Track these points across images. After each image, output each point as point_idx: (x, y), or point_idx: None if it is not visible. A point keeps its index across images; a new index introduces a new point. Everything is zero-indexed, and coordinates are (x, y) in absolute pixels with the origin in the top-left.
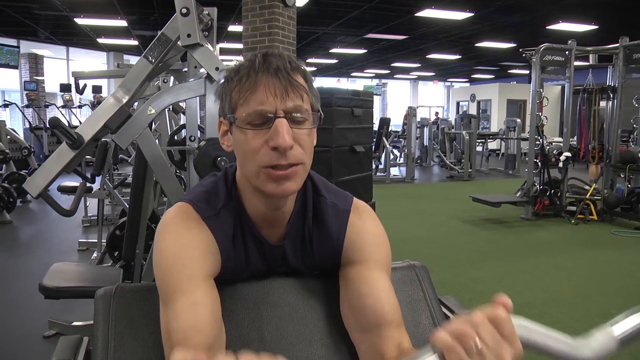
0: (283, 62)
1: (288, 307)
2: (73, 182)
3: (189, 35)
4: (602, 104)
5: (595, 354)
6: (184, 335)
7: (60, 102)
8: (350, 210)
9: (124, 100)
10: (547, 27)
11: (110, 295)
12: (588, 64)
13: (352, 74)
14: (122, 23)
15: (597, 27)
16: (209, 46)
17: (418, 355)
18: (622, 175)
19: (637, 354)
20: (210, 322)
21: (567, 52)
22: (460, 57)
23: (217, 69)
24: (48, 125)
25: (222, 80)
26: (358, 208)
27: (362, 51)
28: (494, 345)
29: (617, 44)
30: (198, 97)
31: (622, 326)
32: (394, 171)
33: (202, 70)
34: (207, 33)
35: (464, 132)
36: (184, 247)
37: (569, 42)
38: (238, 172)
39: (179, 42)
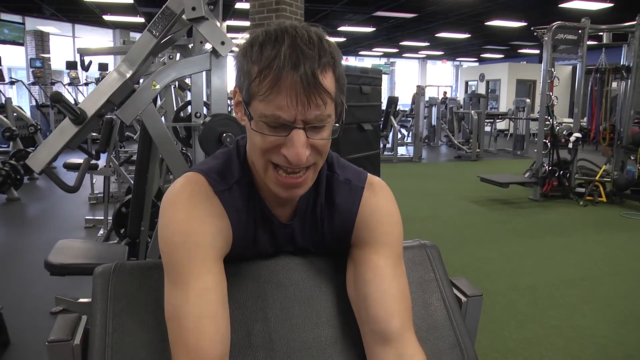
0: (312, 58)
1: (294, 287)
2: (79, 159)
3: (193, 9)
4: (614, 84)
5: None
6: (196, 325)
7: (66, 80)
8: (364, 187)
9: (128, 75)
10: (559, 6)
11: (109, 273)
12: (601, 43)
13: (360, 53)
14: (128, 0)
15: (611, 5)
16: (215, 20)
17: None
18: (632, 158)
19: (632, 353)
20: (220, 310)
21: (580, 31)
22: (469, 36)
23: (222, 43)
24: (50, 100)
25: (242, 50)
26: (373, 185)
27: (370, 29)
28: None
29: (634, 22)
30: (204, 73)
31: None
32: (402, 150)
33: (207, 45)
34: (212, 7)
35: (472, 111)
36: (196, 222)
37: (583, 20)
38: (248, 151)
39: (183, 16)
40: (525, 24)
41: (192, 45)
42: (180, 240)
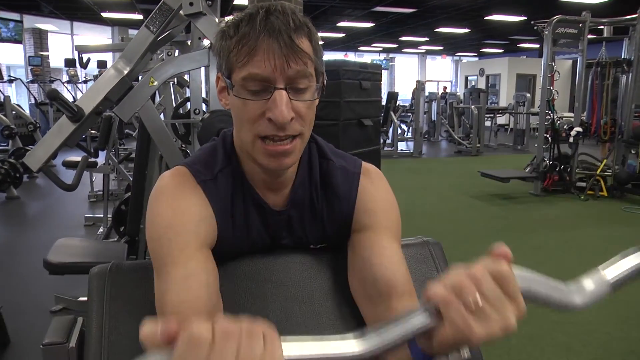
0: (286, 22)
1: (294, 286)
2: (78, 156)
3: (191, 4)
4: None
5: (587, 300)
6: (176, 310)
7: (65, 78)
8: (361, 173)
9: (125, 72)
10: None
11: (105, 273)
12: (601, 36)
13: (359, 48)
14: None
15: None
16: (213, 16)
17: (412, 311)
18: (633, 152)
19: (635, 348)
20: (203, 296)
21: (580, 25)
22: (469, 30)
23: None
24: (47, 97)
25: (220, 34)
26: (369, 171)
27: (369, 25)
28: (497, 304)
29: (634, 15)
30: (203, 69)
31: (614, 270)
32: (402, 146)
33: (205, 41)
34: (210, 2)
35: (472, 106)
36: (177, 214)
37: (583, 13)
38: (235, 135)
39: (181, 12)
40: (525, 18)
41: (190, 41)
42: (161, 232)
